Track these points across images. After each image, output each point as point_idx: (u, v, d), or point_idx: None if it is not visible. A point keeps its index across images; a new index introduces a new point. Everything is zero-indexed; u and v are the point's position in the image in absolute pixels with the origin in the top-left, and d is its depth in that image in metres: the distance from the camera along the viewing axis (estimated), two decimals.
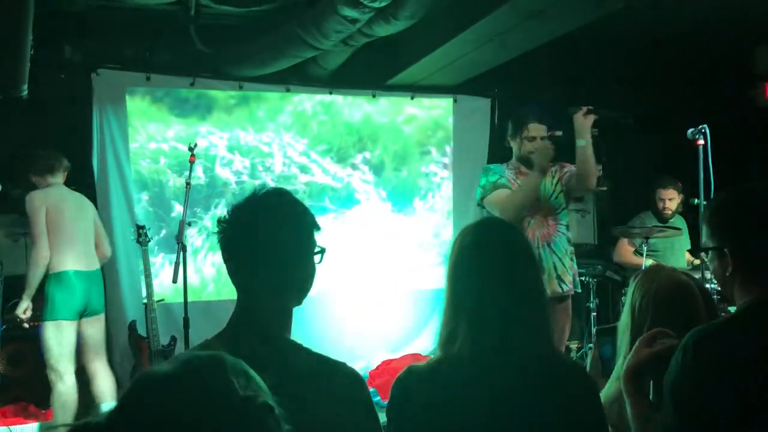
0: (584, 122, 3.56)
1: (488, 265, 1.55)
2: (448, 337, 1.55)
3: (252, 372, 0.93)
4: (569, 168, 3.76)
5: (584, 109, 3.58)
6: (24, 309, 3.94)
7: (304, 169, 5.44)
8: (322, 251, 1.48)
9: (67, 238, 4.05)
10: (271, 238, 1.41)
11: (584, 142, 3.54)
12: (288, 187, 5.08)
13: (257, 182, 5.27)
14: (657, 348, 1.74)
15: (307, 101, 5.46)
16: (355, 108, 5.59)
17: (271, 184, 5.12)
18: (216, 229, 1.44)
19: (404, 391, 1.52)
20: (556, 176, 3.76)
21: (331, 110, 5.54)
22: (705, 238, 1.77)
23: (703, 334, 1.58)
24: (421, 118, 5.80)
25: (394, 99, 5.66)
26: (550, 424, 1.48)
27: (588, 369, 2.13)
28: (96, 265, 4.19)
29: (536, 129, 3.69)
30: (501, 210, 3.54)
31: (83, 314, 4.05)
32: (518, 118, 3.78)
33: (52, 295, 3.93)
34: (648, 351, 1.75)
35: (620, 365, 1.95)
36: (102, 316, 4.18)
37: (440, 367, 1.53)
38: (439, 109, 5.82)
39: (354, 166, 5.60)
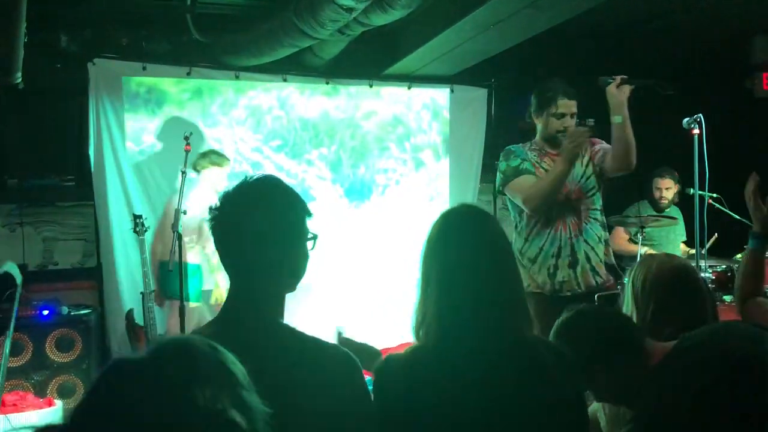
0: (619, 95, 3.18)
1: (456, 252, 1.55)
2: (419, 323, 1.56)
3: (229, 360, 0.91)
4: (601, 145, 3.41)
5: (618, 79, 3.19)
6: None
7: (255, 166, 5.27)
8: (315, 237, 1.48)
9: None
10: (262, 223, 1.41)
11: (621, 118, 3.17)
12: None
13: None
14: None
15: (263, 95, 5.31)
16: (312, 103, 5.46)
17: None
18: (208, 216, 1.44)
19: (382, 379, 1.53)
20: (587, 155, 3.39)
21: (287, 105, 5.39)
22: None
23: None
24: (381, 114, 5.66)
25: (353, 94, 5.52)
26: (526, 407, 1.49)
27: None
28: (165, 257, 4.27)
29: (566, 105, 3.30)
30: (524, 199, 3.24)
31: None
32: (544, 92, 3.35)
33: None
34: None
35: None
36: (176, 303, 4.17)
37: (415, 355, 1.54)
38: (400, 104, 5.68)
39: (309, 162, 5.48)
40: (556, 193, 3.22)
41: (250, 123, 5.27)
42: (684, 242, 5.19)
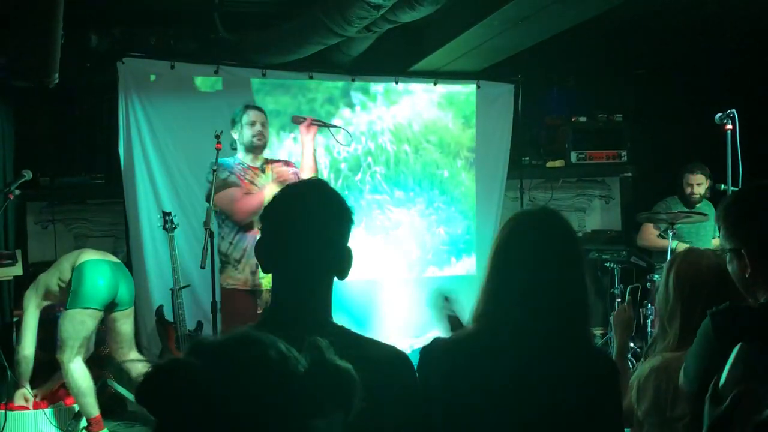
0: (311, 133, 3.97)
1: (538, 248, 1.60)
2: (489, 314, 1.60)
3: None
4: (295, 169, 4.04)
5: (307, 120, 4.01)
6: None
7: None
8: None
9: None
10: (319, 220, 1.42)
11: (309, 152, 3.95)
12: None
13: None
14: None
15: None
16: None
17: None
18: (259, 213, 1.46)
19: (427, 358, 1.58)
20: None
21: None
22: (722, 239, 1.75)
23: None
24: None
25: None
26: (571, 406, 1.54)
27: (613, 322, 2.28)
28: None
29: (258, 116, 3.94)
30: (232, 211, 3.76)
31: None
32: (242, 105, 4.02)
33: None
34: None
35: (670, 342, 1.97)
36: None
37: (465, 341, 1.60)
38: None
39: None
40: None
41: None
42: (717, 237, 5.12)
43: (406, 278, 5.47)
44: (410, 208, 5.60)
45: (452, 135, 5.73)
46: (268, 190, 3.76)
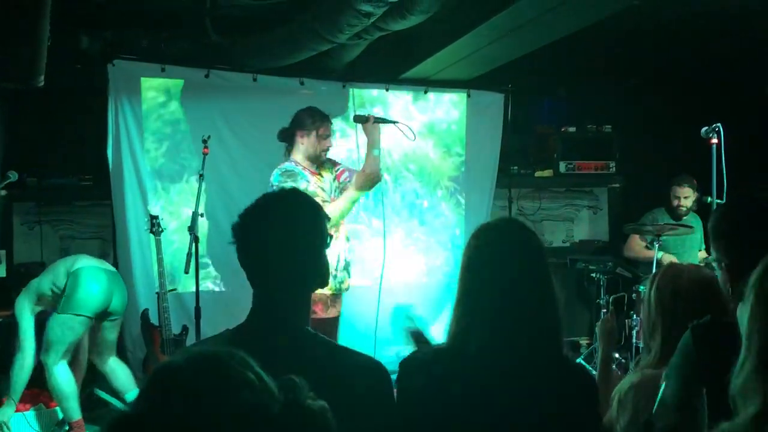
0: (375, 132, 3.86)
1: (506, 265, 1.60)
2: (461, 333, 1.59)
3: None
4: (343, 166, 4.08)
5: (371, 118, 3.89)
6: None
7: None
8: (330, 237, 1.52)
9: None
10: (284, 232, 1.42)
11: (378, 151, 3.90)
12: None
13: None
14: None
15: None
16: None
17: None
18: (234, 228, 1.46)
19: (405, 372, 1.59)
20: (333, 174, 4.01)
21: None
22: (711, 251, 1.79)
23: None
24: None
25: None
26: (546, 422, 1.54)
27: (599, 332, 2.28)
28: None
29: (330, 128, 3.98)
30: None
31: None
32: (317, 111, 3.93)
33: None
34: None
35: (652, 358, 1.99)
36: None
37: (441, 354, 1.61)
38: None
39: None
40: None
41: None
42: (702, 250, 5.15)
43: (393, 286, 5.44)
44: (389, 238, 5.50)
45: (433, 164, 5.63)
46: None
